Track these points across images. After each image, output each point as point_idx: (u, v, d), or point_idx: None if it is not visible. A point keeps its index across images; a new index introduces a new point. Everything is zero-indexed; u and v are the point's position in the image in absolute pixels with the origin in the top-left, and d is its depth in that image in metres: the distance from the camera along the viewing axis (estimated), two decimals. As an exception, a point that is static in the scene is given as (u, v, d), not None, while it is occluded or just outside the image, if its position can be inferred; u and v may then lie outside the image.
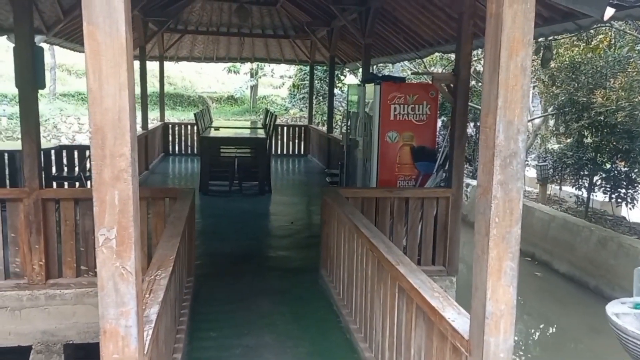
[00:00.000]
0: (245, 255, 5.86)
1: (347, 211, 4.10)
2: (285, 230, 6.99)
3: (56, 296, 4.56)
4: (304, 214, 7.89)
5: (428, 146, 5.57)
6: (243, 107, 25.90)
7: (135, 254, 1.66)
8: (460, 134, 5.15)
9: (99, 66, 1.57)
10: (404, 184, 5.60)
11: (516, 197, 1.89)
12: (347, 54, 12.88)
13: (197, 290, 4.68)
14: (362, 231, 3.50)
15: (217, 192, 8.97)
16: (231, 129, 11.04)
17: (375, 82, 5.48)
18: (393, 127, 5.50)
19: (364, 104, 6.01)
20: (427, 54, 9.72)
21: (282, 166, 13.05)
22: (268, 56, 14.89)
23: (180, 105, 24.06)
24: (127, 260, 1.64)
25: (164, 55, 13.40)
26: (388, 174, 5.58)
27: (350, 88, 7.01)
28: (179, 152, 13.53)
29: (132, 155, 1.62)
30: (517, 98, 1.84)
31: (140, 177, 9.83)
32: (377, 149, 5.54)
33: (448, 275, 5.33)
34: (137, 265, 1.68)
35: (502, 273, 1.91)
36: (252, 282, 5.01)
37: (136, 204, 1.70)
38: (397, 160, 5.56)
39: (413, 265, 2.85)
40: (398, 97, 5.43)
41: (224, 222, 7.31)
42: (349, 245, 4.08)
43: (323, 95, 19.16)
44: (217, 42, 14.10)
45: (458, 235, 5.29)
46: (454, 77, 5.15)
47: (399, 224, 5.18)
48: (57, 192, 4.51)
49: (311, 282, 5.05)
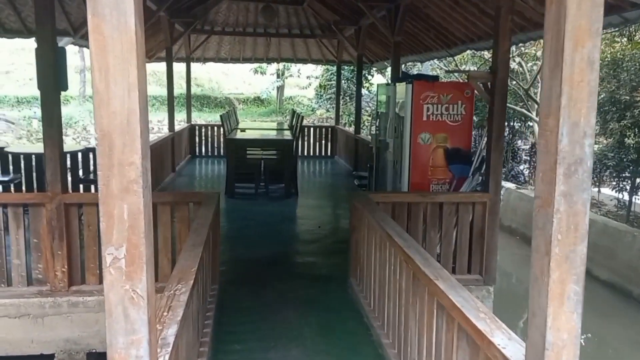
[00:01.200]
0: (271, 261, 5.67)
1: (378, 218, 3.87)
2: (313, 235, 6.78)
3: (79, 303, 4.45)
4: (332, 218, 7.68)
5: (463, 148, 5.29)
6: (270, 108, 25.87)
7: (147, 276, 1.47)
8: (497, 135, 4.87)
9: (105, 64, 1.38)
10: (438, 188, 5.33)
11: (582, 211, 1.63)
12: (375, 53, 12.62)
13: (221, 298, 4.50)
14: (396, 240, 3.27)
15: (243, 195, 8.83)
16: (257, 130, 10.91)
17: (407, 81, 5.23)
18: (426, 128, 5.24)
19: (394, 104, 5.77)
20: (458, 52, 9.40)
21: (308, 168, 12.86)
22: (294, 56, 14.73)
23: (207, 107, 24.15)
24: (138, 283, 1.46)
25: (191, 57, 13.36)
26: (420, 177, 5.32)
27: (380, 88, 6.77)
28: (206, 154, 13.47)
29: (143, 164, 1.43)
30: (583, 96, 1.59)
31: (167, 180, 9.77)
32: (408, 151, 5.29)
33: (485, 285, 5.05)
34: (149, 287, 1.49)
35: (565, 298, 1.66)
36: (278, 290, 4.82)
37: (148, 219, 1.51)
38: (430, 163, 5.30)
39: (453, 280, 2.61)
40: (431, 96, 5.17)
41: (249, 226, 7.15)
42: (380, 254, 3.85)
43: (350, 96, 18.93)
44: (244, 42, 14.00)
45: (496, 243, 5.01)
46: (491, 76, 4.87)
47: (432, 230, 4.93)
48: (80, 197, 4.40)
49: (340, 290, 4.83)
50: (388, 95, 6.03)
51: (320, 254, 5.96)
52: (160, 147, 9.57)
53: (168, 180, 9.86)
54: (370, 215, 4.03)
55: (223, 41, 13.98)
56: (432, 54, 9.80)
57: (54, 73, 4.22)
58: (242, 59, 14.68)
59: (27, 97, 18.91)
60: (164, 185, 9.32)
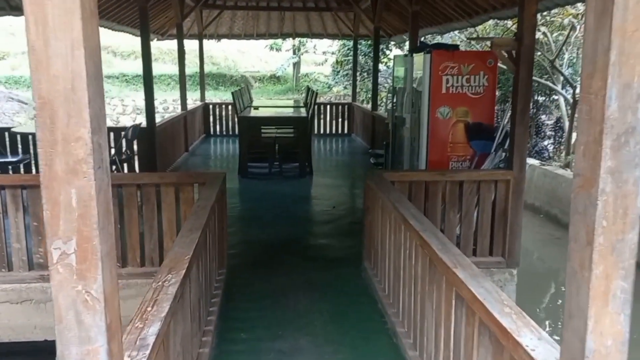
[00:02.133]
0: (283, 243, 5.45)
1: (393, 198, 3.59)
2: (327, 216, 6.53)
3: (81, 288, 4.29)
4: (347, 198, 7.41)
5: (485, 122, 4.94)
6: (286, 85, 25.48)
7: (104, 274, 1.23)
8: (523, 108, 4.52)
9: (42, 15, 1.12)
10: (457, 166, 5.01)
11: (633, 192, 1.34)
12: (393, 25, 12.16)
13: (229, 283, 4.30)
14: (411, 223, 2.99)
15: (257, 175, 8.60)
16: (271, 108, 10.62)
17: (425, 50, 4.88)
18: (445, 101, 4.91)
19: (411, 77, 5.43)
20: (480, 22, 8.92)
21: (324, 146, 12.57)
22: (310, 31, 14.32)
23: (223, 85, 23.89)
24: (93, 283, 1.22)
25: (203, 34, 13.07)
26: (439, 155, 5.00)
27: (396, 60, 6.41)
28: (220, 133, 13.25)
29: (94, 140, 1.18)
30: (638, 50, 1.28)
31: (180, 159, 9.59)
32: (426, 126, 4.97)
33: (507, 268, 4.76)
34: (107, 287, 1.25)
35: (610, 296, 1.38)
36: (289, 274, 4.59)
37: (105, 207, 1.26)
38: (449, 139, 4.97)
39: (474, 269, 2.33)
40: (451, 67, 4.82)
41: (262, 206, 6.93)
42: (395, 237, 3.58)
43: (368, 72, 18.44)
44: (257, 17, 13.64)
45: (520, 223, 4.69)
46: (516, 43, 4.50)
47: (451, 210, 4.63)
48: (79, 178, 4.21)
49: (353, 274, 4.58)
50: (405, 68, 5.69)
51: (335, 236, 5.71)
52: (172, 126, 9.37)
53: (181, 160, 9.68)
54: (385, 196, 3.75)
55: (236, 16, 13.63)
56: (453, 25, 9.33)
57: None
58: (256, 35, 14.32)
59: (43, 78, 18.85)
60: (176, 165, 9.14)
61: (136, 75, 21.36)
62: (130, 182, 4.27)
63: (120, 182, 4.28)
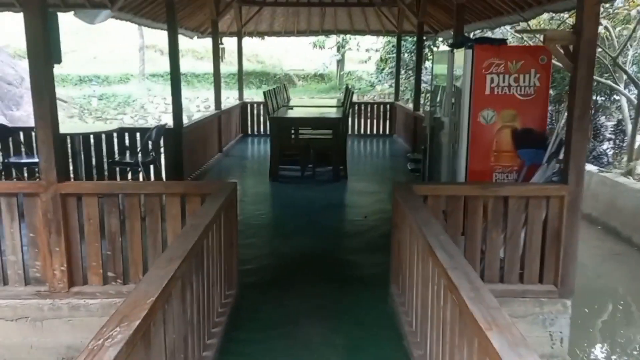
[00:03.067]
0: (305, 258, 4.97)
1: (420, 220, 3.03)
2: (357, 226, 6.01)
3: (80, 307, 3.95)
4: (381, 206, 6.85)
5: (536, 128, 4.28)
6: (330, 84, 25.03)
7: None
8: (581, 112, 3.85)
9: None
10: (503, 178, 4.37)
11: None
12: (439, 20, 11.44)
13: (237, 307, 3.86)
14: (438, 256, 2.44)
15: (288, 178, 8.17)
16: (307, 108, 10.16)
17: (466, 45, 4.27)
18: (489, 103, 4.28)
19: (452, 75, 4.82)
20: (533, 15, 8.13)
21: (363, 147, 12.01)
22: (352, 27, 13.76)
23: (267, 84, 23.65)
24: None
25: (243, 31, 12.75)
26: (481, 164, 4.38)
27: (437, 56, 5.81)
28: (258, 133, 12.90)
29: None
30: None
31: (212, 161, 9.27)
32: (467, 131, 4.35)
33: (560, 298, 4.09)
34: None
35: None
36: (305, 297, 4.11)
37: None
38: (493, 147, 4.33)
39: (515, 333, 1.76)
40: (497, 64, 4.18)
41: (289, 213, 6.48)
42: (422, 266, 3.03)
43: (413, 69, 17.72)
44: (298, 14, 13.21)
45: (575, 247, 4.02)
46: (574, 37, 3.84)
47: (494, 230, 4.01)
48: (78, 187, 3.86)
49: (379, 300, 4.04)
50: (447, 65, 5.08)
51: (363, 251, 5.18)
52: (204, 126, 9.04)
53: (213, 161, 9.35)
54: (412, 216, 3.20)
55: (276, 13, 13.25)
56: (502, 20, 8.58)
57: (44, 43, 3.64)
58: (297, 32, 13.88)
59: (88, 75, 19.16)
60: (207, 167, 8.81)
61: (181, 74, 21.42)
62: (132, 191, 3.88)
63: (122, 190, 3.90)
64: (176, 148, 7.24)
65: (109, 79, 19.28)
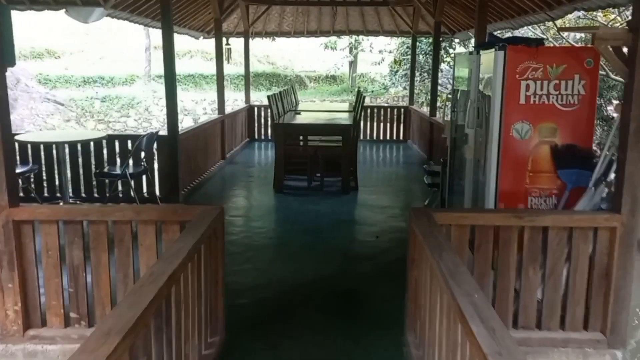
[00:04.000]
0: (308, 289, 4.34)
1: (446, 268, 2.37)
2: (368, 248, 5.36)
3: (37, 353, 3.35)
4: (394, 224, 6.19)
5: (580, 145, 3.60)
6: (342, 86, 24.40)
7: None
8: (638, 126, 3.18)
9: None
10: (539, 204, 3.69)
11: None
12: (457, 20, 10.75)
13: (221, 357, 3.23)
14: (475, 333, 1.79)
15: (294, 190, 7.55)
16: (315, 113, 9.52)
17: (497, 46, 3.60)
18: (524, 115, 3.60)
19: (476, 81, 4.15)
20: (562, 14, 7.43)
21: (376, 154, 11.34)
22: (364, 28, 13.10)
23: (277, 86, 23.08)
24: None
25: (250, 31, 12.15)
26: (514, 186, 3.70)
27: (458, 59, 5.14)
28: (265, 138, 12.28)
29: None
30: None
31: (213, 169, 8.67)
32: (497, 147, 3.68)
33: (609, 348, 3.41)
34: None
35: None
36: (303, 342, 3.47)
37: None
38: (528, 166, 3.65)
39: None
40: (534, 68, 3.51)
41: (292, 231, 5.85)
42: (444, 314, 2.39)
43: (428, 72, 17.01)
44: (308, 13, 12.59)
45: (629, 288, 3.34)
46: (629, 35, 3.17)
47: (531, 266, 3.35)
48: (33, 212, 3.26)
49: (391, 348, 3.39)
50: (470, 69, 4.42)
51: (373, 279, 4.53)
52: (205, 131, 8.44)
53: (214, 169, 8.75)
54: (434, 259, 2.55)
55: (285, 12, 12.65)
56: (528, 19, 7.88)
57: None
58: (306, 32, 13.25)
59: (93, 76, 18.70)
60: (207, 176, 8.21)
61: (188, 75, 20.90)
62: (98, 218, 3.27)
63: (86, 217, 3.29)
64: (171, 156, 6.64)
65: (114, 80, 18.78)
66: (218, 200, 7.16)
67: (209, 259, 3.17)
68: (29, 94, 13.09)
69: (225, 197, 7.35)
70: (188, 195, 7.01)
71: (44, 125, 12.59)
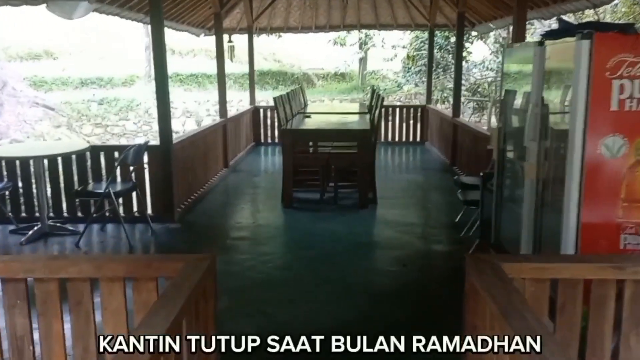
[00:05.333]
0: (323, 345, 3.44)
1: None
2: (393, 280, 4.48)
3: None
4: (422, 246, 5.31)
5: (694, 165, 2.71)
6: (351, 84, 23.48)
7: None
8: None
9: None
10: (637, 244, 2.80)
11: None
12: (478, 11, 9.83)
13: None
14: None
15: (305, 203, 6.70)
16: (326, 115, 8.64)
17: (580, 33, 2.70)
18: (616, 126, 2.70)
19: (541, 80, 3.26)
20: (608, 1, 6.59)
21: (392, 158, 10.46)
22: (377, 22, 12.20)
23: (284, 84, 22.20)
24: None
25: (254, 27, 11.30)
26: (602, 218, 2.81)
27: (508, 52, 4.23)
28: (272, 141, 11.42)
29: None
30: None
31: (214, 179, 7.83)
32: (579, 168, 2.79)
33: None
34: None
35: None
36: None
37: None
38: (622, 194, 2.76)
39: None
40: (631, 63, 2.62)
41: (303, 261, 4.97)
42: None
43: (444, 68, 16.10)
44: (316, 7, 11.72)
45: None
46: None
47: (633, 333, 2.45)
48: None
49: None
50: (523, 65, 3.53)
51: (403, 329, 3.62)
52: (205, 138, 7.59)
53: (216, 179, 7.90)
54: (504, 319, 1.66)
55: (291, 6, 11.79)
56: (565, 6, 6.98)
57: None
58: (315, 27, 12.38)
59: (91, 78, 17.91)
60: (207, 188, 7.36)
61: (190, 75, 20.05)
62: (45, 275, 2.41)
63: (30, 273, 2.44)
64: (164, 170, 5.81)
65: (113, 81, 17.98)
66: (219, 218, 6.31)
67: (197, 326, 2.31)
68: (17, 99, 12.33)
69: (227, 215, 6.49)
70: (184, 214, 6.17)
71: (32, 132, 11.81)
